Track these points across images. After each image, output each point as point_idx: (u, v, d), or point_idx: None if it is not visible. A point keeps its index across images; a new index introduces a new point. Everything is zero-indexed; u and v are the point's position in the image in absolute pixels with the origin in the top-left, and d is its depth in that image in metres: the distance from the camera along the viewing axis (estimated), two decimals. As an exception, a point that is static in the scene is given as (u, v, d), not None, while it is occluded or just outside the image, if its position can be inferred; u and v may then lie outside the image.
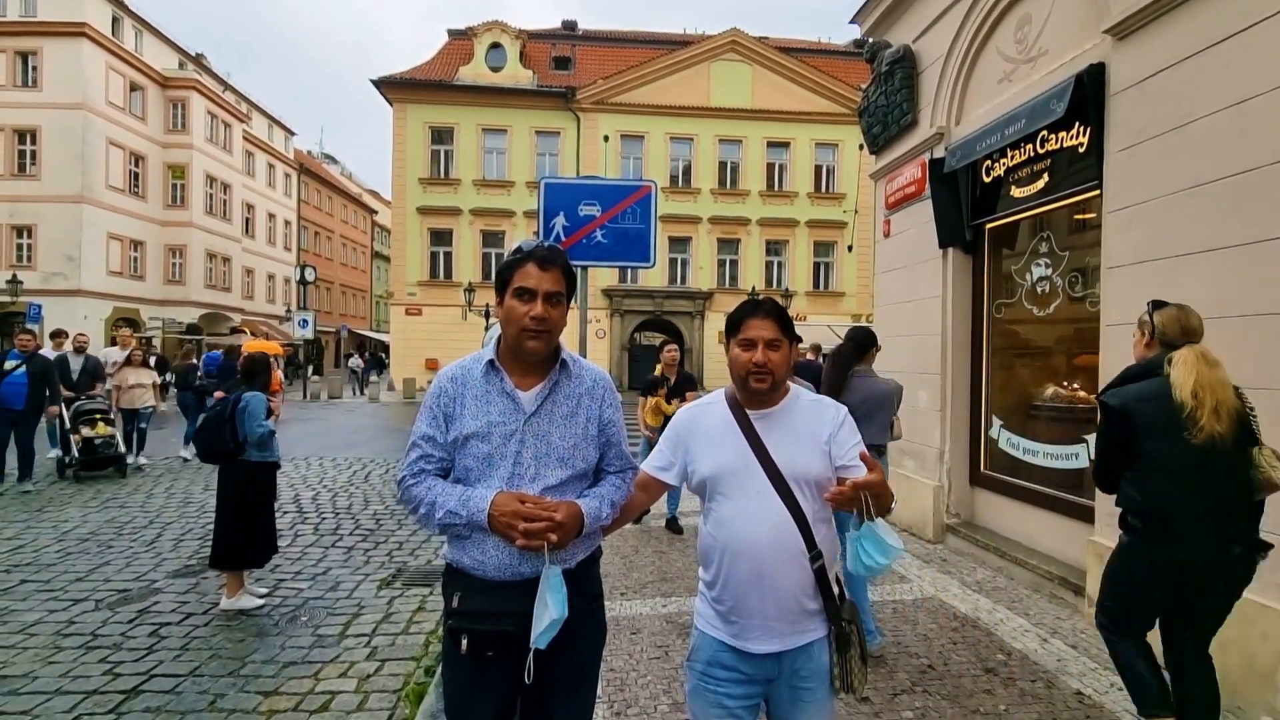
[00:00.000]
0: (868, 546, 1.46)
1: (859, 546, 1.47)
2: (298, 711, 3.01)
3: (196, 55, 31.49)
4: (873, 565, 1.47)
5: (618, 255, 4.63)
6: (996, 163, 5.03)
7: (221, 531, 4.14)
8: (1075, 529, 4.29)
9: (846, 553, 1.51)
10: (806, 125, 25.28)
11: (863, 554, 1.46)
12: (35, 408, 7.29)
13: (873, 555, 1.45)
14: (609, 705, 2.89)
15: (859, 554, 1.47)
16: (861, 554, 1.46)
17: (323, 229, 41.67)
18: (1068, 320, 4.70)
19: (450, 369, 1.69)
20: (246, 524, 4.17)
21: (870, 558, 1.46)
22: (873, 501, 1.45)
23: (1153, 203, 3.55)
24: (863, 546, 1.46)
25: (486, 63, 24.69)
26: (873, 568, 1.47)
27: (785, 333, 1.66)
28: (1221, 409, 2.17)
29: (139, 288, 26.52)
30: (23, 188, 23.69)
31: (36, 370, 7.27)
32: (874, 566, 1.47)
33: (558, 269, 1.60)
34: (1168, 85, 3.47)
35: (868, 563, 1.47)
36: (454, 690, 1.63)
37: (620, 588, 4.37)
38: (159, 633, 3.80)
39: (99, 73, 24.50)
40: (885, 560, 1.46)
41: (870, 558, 1.46)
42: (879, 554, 1.45)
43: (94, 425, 8.04)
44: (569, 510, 1.54)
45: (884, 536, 1.45)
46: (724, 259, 25.60)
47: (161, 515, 6.41)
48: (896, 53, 6.19)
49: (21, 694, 3.11)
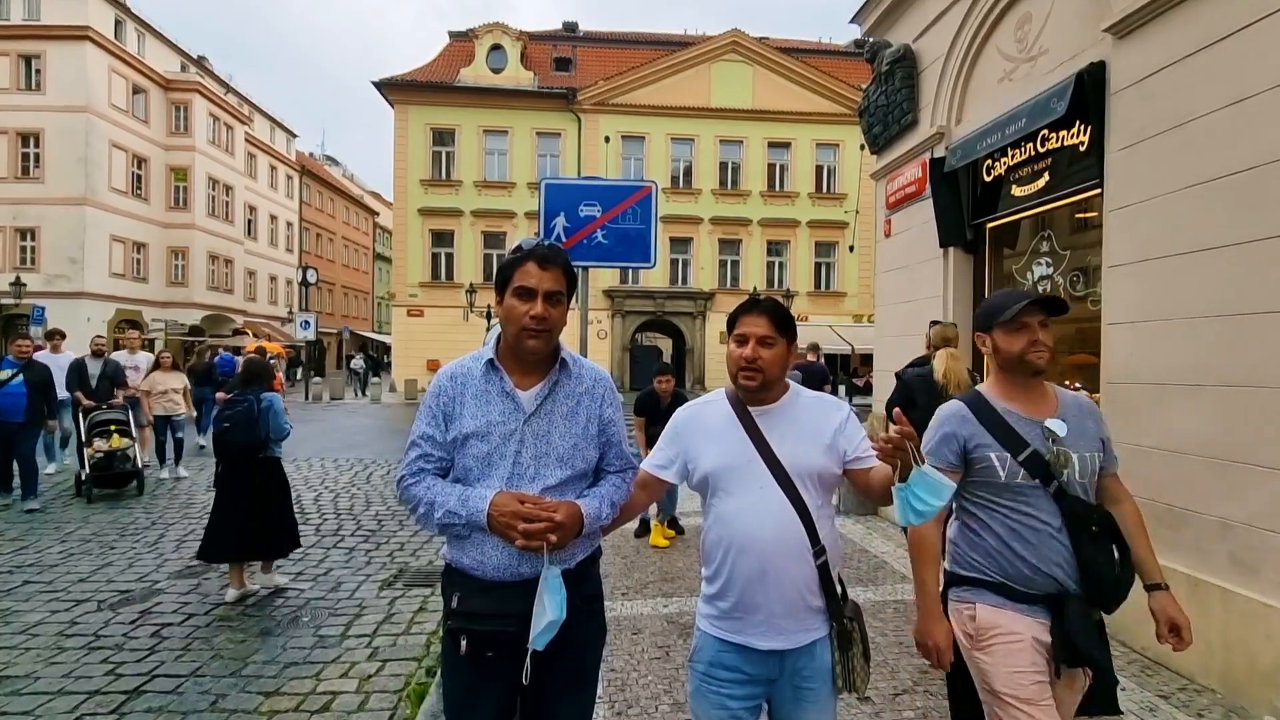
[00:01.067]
0: (919, 491, 1.42)
1: (909, 494, 1.43)
2: (299, 712, 3.01)
3: (199, 58, 31.58)
4: (926, 509, 1.43)
5: (619, 256, 4.62)
6: (997, 162, 5.03)
7: (263, 523, 4.40)
8: (1077, 529, 4.29)
9: (896, 509, 1.48)
10: (807, 125, 25.29)
11: (914, 500, 1.42)
12: (35, 420, 6.76)
13: (925, 499, 1.42)
14: (610, 705, 2.89)
15: (909, 501, 1.43)
16: (913, 500, 1.42)
17: (324, 231, 41.74)
18: (1069, 319, 4.69)
19: (450, 368, 1.68)
20: (287, 513, 4.60)
21: (923, 502, 1.42)
22: (915, 452, 1.44)
23: (1153, 201, 3.55)
24: (914, 493, 1.42)
25: (487, 64, 24.73)
26: (925, 511, 1.43)
27: (781, 331, 1.65)
28: (961, 385, 3.47)
29: (142, 290, 26.59)
30: (26, 190, 23.77)
31: (35, 380, 6.69)
32: (927, 510, 1.44)
33: (558, 268, 1.60)
34: (1168, 83, 3.46)
35: (920, 508, 1.43)
36: (454, 691, 1.62)
37: (621, 588, 4.37)
38: (161, 633, 3.81)
39: (102, 76, 24.58)
40: (939, 501, 1.42)
41: (923, 502, 1.42)
42: (932, 496, 1.42)
43: (109, 438, 7.24)
44: (569, 510, 1.54)
45: (934, 477, 1.43)
46: (725, 259, 25.61)
47: (164, 516, 6.43)
48: (897, 52, 6.19)
49: (24, 694, 3.12)
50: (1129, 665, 3.32)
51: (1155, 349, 3.53)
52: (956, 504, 1.91)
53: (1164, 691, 3.07)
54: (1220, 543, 3.12)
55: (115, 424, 7.43)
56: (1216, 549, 3.14)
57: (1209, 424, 3.22)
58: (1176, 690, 3.09)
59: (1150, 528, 3.46)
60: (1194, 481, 3.28)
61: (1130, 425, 3.68)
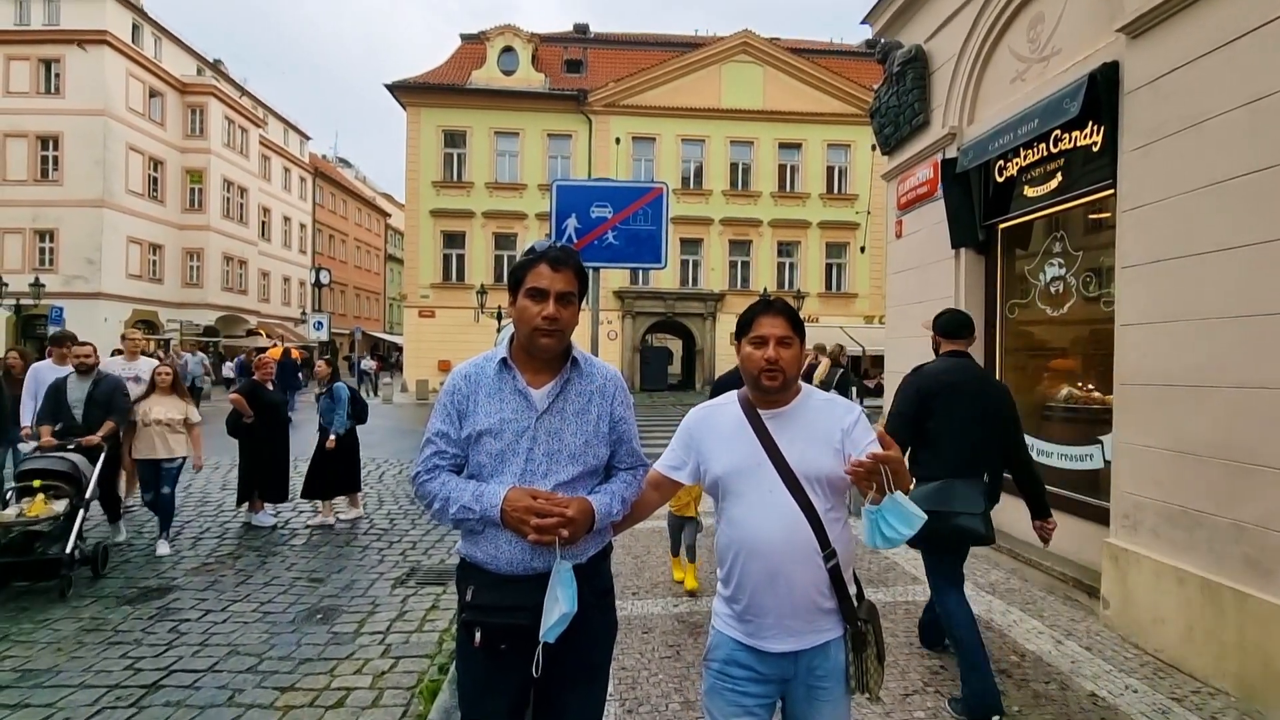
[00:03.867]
0: (890, 519, 1.42)
1: (880, 519, 1.44)
2: (314, 707, 3.06)
3: (214, 61, 31.97)
4: (893, 537, 1.44)
5: (629, 257, 4.64)
6: (1009, 162, 5.00)
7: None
8: (1090, 531, 4.26)
9: (865, 527, 1.50)
10: (818, 126, 25.21)
11: (884, 526, 1.43)
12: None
13: (894, 527, 1.43)
14: (620, 703, 2.91)
15: (879, 526, 1.44)
16: (883, 526, 1.43)
17: (337, 232, 42.10)
18: (1082, 321, 4.67)
19: (464, 367, 1.72)
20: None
21: (891, 529, 1.43)
22: (892, 477, 1.44)
23: (1167, 202, 3.53)
24: (884, 519, 1.43)
25: (499, 66, 24.84)
26: (893, 539, 1.44)
27: (796, 331, 1.67)
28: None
29: (158, 290, 26.95)
30: (45, 192, 24.19)
31: None
32: (894, 538, 1.45)
33: (570, 269, 1.62)
34: (1182, 83, 3.44)
35: (888, 534, 1.44)
36: (468, 682, 1.66)
37: (632, 587, 4.39)
38: (178, 629, 3.87)
39: (119, 79, 24.96)
40: (908, 531, 1.43)
41: (891, 529, 1.43)
42: (902, 525, 1.43)
43: (31, 497, 4.50)
44: (580, 506, 1.57)
45: (906, 507, 1.43)
46: (735, 260, 25.57)
47: (179, 514, 6.49)
48: (908, 53, 6.17)
49: (47, 686, 3.19)
50: (1141, 668, 3.30)
51: (1169, 350, 3.51)
52: None
53: (1176, 694, 3.05)
54: (1234, 545, 3.10)
55: (45, 477, 4.64)
56: (1231, 551, 3.12)
57: (1223, 426, 3.19)
58: (1190, 693, 3.06)
59: (1164, 529, 3.46)
60: (1208, 484, 3.25)
61: (1145, 427, 3.65)
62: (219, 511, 6.62)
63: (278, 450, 6.40)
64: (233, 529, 6.04)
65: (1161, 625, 3.42)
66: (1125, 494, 3.76)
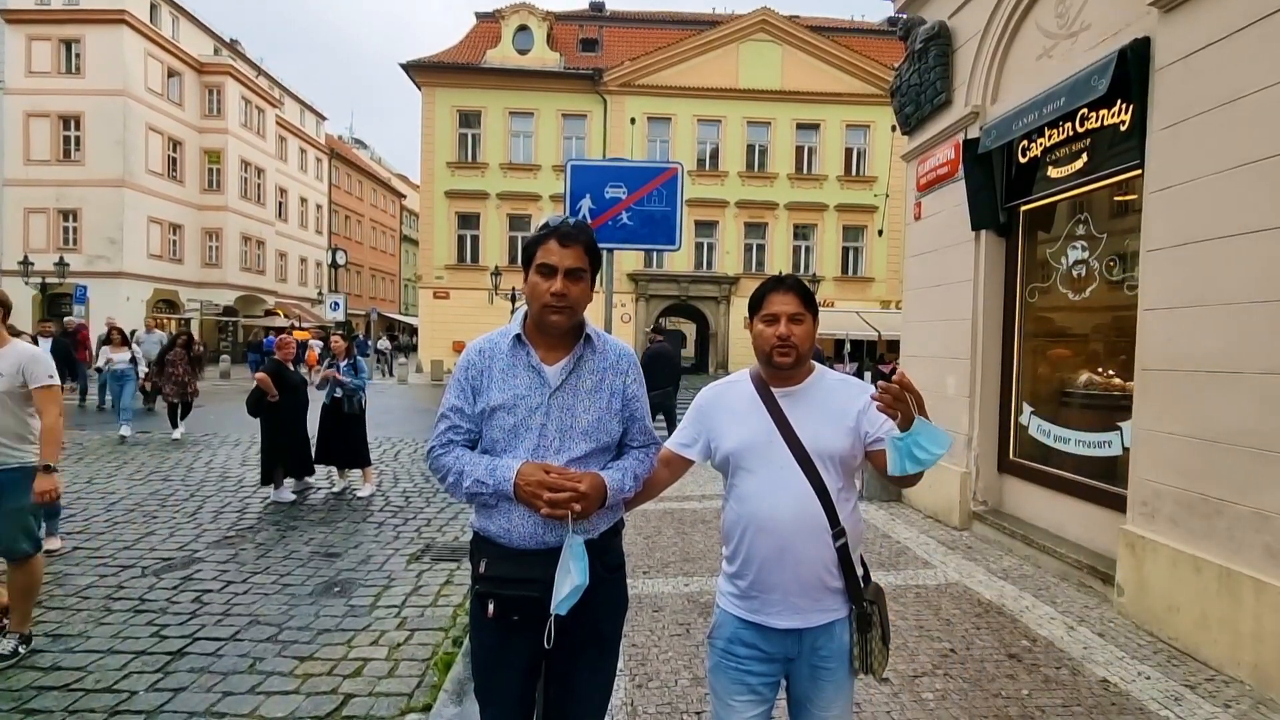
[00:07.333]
0: (921, 440, 1.44)
1: (911, 441, 1.45)
2: (332, 675, 3.13)
3: (231, 41, 32.01)
4: (925, 458, 1.45)
5: (644, 238, 4.61)
6: (1033, 143, 4.89)
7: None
8: (1106, 517, 4.22)
9: (891, 457, 1.50)
10: (837, 106, 24.78)
11: (916, 448, 1.44)
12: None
13: (926, 448, 1.44)
14: (631, 678, 2.95)
15: (911, 449, 1.45)
16: (914, 448, 1.44)
17: (353, 213, 42.30)
18: (1104, 305, 4.58)
19: (478, 342, 1.73)
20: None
21: (924, 450, 1.44)
22: (916, 402, 1.46)
23: (1197, 183, 3.43)
24: (916, 441, 1.45)
25: (514, 45, 24.64)
26: (925, 460, 1.45)
27: (808, 308, 1.66)
28: None
29: (178, 270, 27.32)
30: (68, 172, 24.50)
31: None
32: (926, 459, 1.45)
33: (579, 245, 1.61)
34: (1216, 60, 3.33)
35: (921, 456, 1.45)
36: (481, 653, 1.69)
37: (643, 566, 4.43)
38: (201, 599, 3.98)
39: (138, 59, 25.10)
40: (939, 450, 1.44)
41: (924, 450, 1.44)
42: (934, 444, 1.44)
43: None
44: (593, 481, 1.57)
45: (935, 428, 1.45)
46: (751, 243, 25.37)
47: (201, 489, 6.65)
48: (931, 29, 6.03)
49: (77, 651, 3.29)
50: (1155, 655, 3.28)
51: (1193, 335, 3.44)
52: None
53: (1190, 681, 3.03)
54: (1256, 533, 3.06)
55: None
56: (1251, 539, 3.08)
57: (1248, 412, 3.13)
58: (1204, 680, 3.04)
59: (1182, 517, 3.42)
60: (1230, 471, 3.20)
61: (1166, 413, 3.60)
62: (239, 487, 6.75)
63: (300, 428, 6.64)
64: (253, 505, 6.16)
65: (1176, 613, 3.39)
66: (1144, 481, 3.71)
